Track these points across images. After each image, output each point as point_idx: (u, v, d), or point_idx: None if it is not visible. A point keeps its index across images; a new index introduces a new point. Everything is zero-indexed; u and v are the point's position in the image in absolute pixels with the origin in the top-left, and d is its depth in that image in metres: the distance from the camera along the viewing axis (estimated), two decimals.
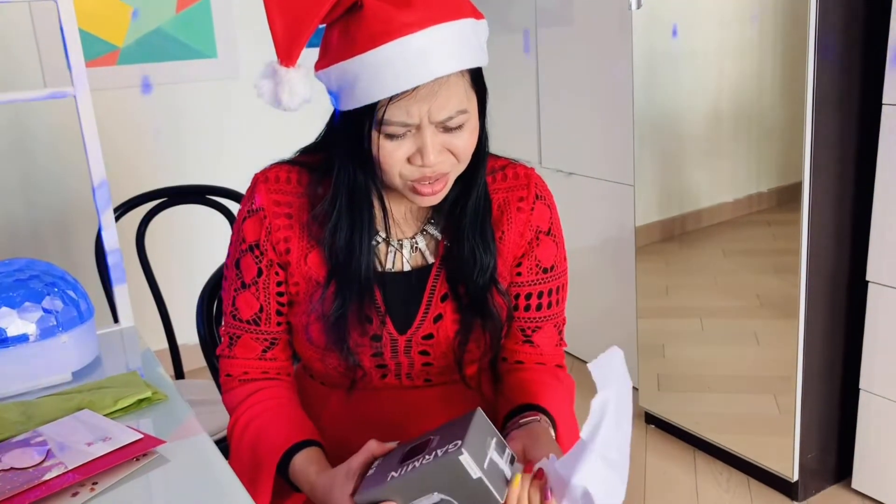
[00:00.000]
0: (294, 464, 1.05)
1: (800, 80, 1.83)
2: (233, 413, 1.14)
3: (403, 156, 0.98)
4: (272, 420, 1.10)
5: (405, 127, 0.96)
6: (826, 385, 2.06)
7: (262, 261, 1.11)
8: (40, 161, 2.76)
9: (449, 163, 1.01)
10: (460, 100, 0.97)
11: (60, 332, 1.25)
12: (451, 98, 0.96)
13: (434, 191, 1.02)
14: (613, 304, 2.65)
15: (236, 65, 2.99)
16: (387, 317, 1.10)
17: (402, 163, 0.99)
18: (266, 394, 1.14)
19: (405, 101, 0.94)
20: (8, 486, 0.93)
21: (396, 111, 0.95)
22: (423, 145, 0.97)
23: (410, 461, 0.90)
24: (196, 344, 1.49)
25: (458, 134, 0.99)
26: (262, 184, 1.11)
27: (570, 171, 2.72)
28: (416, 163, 0.98)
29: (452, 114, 0.96)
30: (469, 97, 0.99)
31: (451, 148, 0.99)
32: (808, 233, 1.90)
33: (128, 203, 1.91)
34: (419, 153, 0.98)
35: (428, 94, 0.94)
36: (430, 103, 0.94)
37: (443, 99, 0.95)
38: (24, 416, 1.13)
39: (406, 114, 0.95)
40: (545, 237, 1.14)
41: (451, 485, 0.87)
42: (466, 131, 1.00)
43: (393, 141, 0.98)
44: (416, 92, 0.94)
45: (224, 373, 1.18)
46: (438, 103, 0.95)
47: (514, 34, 2.86)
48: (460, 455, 0.85)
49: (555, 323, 1.18)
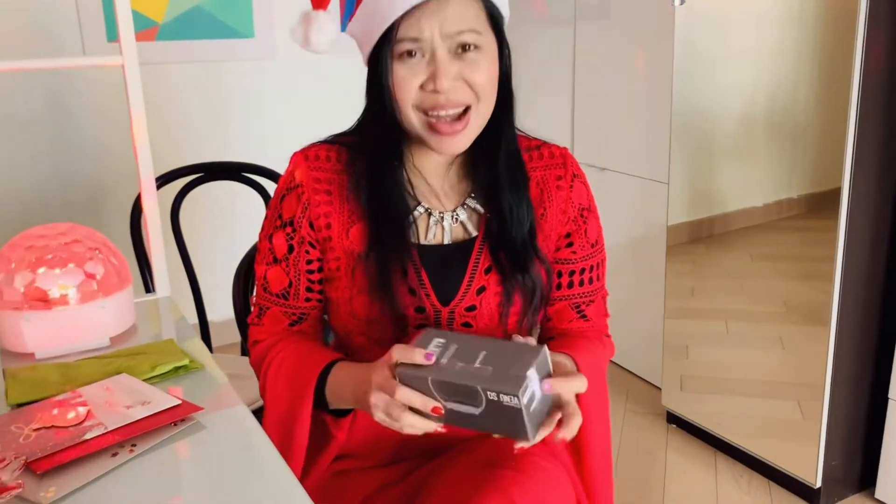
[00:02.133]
0: (335, 373, 1.06)
1: (840, 85, 1.81)
2: (262, 362, 1.15)
3: (417, 82, 1.02)
4: (304, 349, 1.12)
5: (416, 43, 1.00)
6: (854, 393, 2.04)
7: (295, 238, 1.13)
8: (73, 131, 2.79)
9: (465, 93, 1.03)
10: (471, 19, 1.01)
11: (100, 297, 1.26)
12: (462, 14, 1.00)
13: (454, 130, 1.03)
14: (640, 303, 2.63)
15: (273, 46, 3.00)
16: (429, 288, 1.11)
17: (416, 91, 1.02)
18: (294, 338, 1.16)
19: (416, 16, 0.99)
20: (50, 443, 0.95)
21: (408, 27, 0.99)
22: (436, 68, 1.00)
23: (465, 370, 0.91)
24: (224, 320, 1.51)
25: (474, 63, 1.02)
26: (303, 161, 1.13)
27: (603, 166, 2.71)
28: (428, 89, 1.01)
29: (463, 28, 1.00)
30: (481, 23, 1.02)
31: (466, 78, 1.02)
32: (845, 240, 1.88)
33: (164, 177, 1.93)
34: (432, 79, 1.01)
35: (437, 8, 0.99)
36: (440, 17, 0.99)
37: (452, 13, 0.99)
38: (64, 377, 1.14)
39: (417, 29, 0.99)
40: (588, 213, 1.18)
41: (496, 412, 0.89)
42: (483, 61, 1.02)
43: (406, 64, 1.01)
44: (425, 6, 0.99)
45: (252, 339, 1.20)
46: (449, 17, 0.99)
47: (551, 26, 2.85)
48: (515, 398, 0.87)
49: (602, 294, 1.22)
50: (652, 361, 2.59)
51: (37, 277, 1.22)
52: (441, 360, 0.93)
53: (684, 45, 2.20)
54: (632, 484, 2.20)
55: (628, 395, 2.67)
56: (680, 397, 2.41)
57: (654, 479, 2.23)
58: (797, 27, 1.95)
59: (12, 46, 2.61)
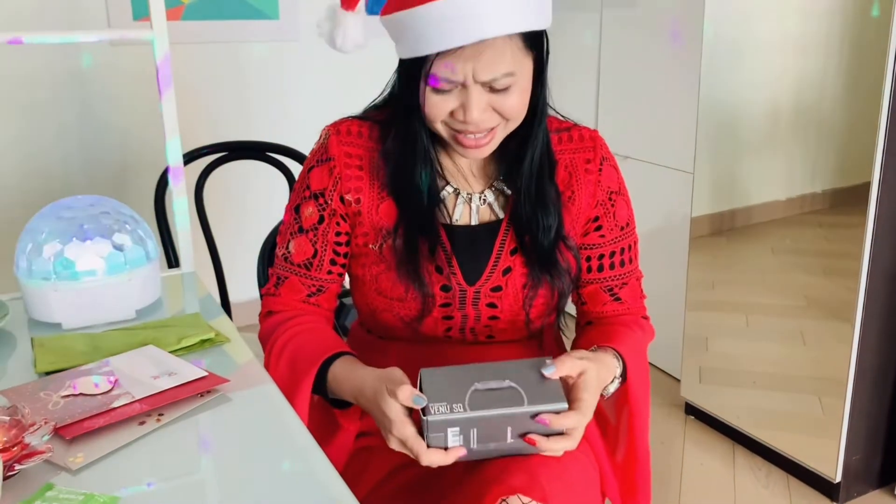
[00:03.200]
0: (333, 369, 1.05)
1: (870, 80, 1.78)
2: (269, 337, 1.15)
3: (447, 109, 1.01)
4: (310, 337, 1.11)
5: (450, 83, 0.98)
6: (878, 389, 2.02)
7: (326, 209, 1.13)
8: (99, 107, 2.80)
9: (494, 119, 1.02)
10: (506, 63, 0.98)
11: (127, 269, 1.27)
12: (497, 60, 0.97)
13: (478, 144, 1.03)
14: (662, 294, 2.61)
15: (297, 28, 3.00)
16: (456, 267, 1.11)
17: (445, 115, 1.02)
18: (303, 319, 1.15)
19: (451, 58, 0.96)
20: (78, 411, 0.95)
21: (442, 67, 0.97)
22: (468, 102, 0.99)
23: (495, 407, 0.91)
24: (246, 301, 1.51)
25: (506, 95, 1.00)
26: (335, 136, 1.13)
27: (626, 154, 2.69)
28: (458, 117, 1.01)
29: (497, 76, 0.98)
30: (518, 60, 0.99)
31: (497, 108, 1.01)
32: (873, 235, 1.86)
33: (187, 155, 1.92)
34: (462, 109, 1.00)
35: (473, 53, 0.96)
36: (474, 63, 0.96)
37: (487, 60, 0.96)
38: (91, 346, 1.15)
39: (451, 71, 0.97)
40: (618, 197, 1.17)
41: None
42: (514, 93, 1.01)
43: (439, 94, 1.00)
44: (461, 51, 0.96)
45: (265, 310, 1.20)
46: (483, 64, 0.96)
47: (578, 13, 2.83)
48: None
49: (636, 276, 1.22)
50: (672, 353, 2.58)
51: (66, 248, 1.22)
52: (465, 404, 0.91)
53: (713, 35, 2.18)
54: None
55: None
56: (699, 389, 2.40)
57: (671, 470, 2.22)
58: (825, 19, 1.92)
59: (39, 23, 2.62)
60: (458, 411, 0.90)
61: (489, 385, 0.92)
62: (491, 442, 0.92)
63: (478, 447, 0.93)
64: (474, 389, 0.92)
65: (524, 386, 0.92)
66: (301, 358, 1.09)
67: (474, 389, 0.92)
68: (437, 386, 0.93)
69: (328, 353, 1.07)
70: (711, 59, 2.20)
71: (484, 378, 0.93)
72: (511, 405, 0.90)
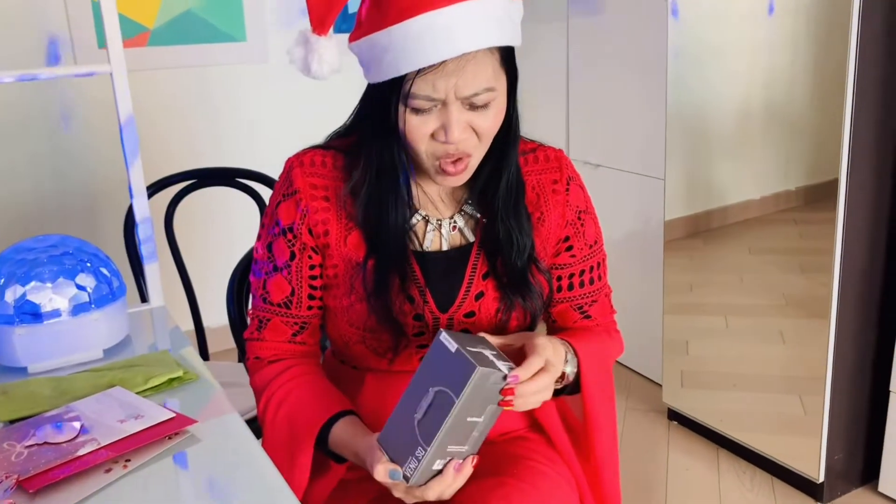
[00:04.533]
0: (334, 433, 1.05)
1: (835, 77, 1.80)
2: (263, 392, 1.14)
3: (428, 131, 1.00)
4: (306, 395, 1.10)
5: (431, 101, 0.97)
6: (855, 386, 2.03)
7: (296, 244, 1.11)
8: (70, 139, 2.77)
9: (472, 143, 1.01)
10: (487, 77, 0.97)
11: (93, 309, 1.25)
12: (479, 75, 0.96)
13: (457, 170, 1.03)
14: (639, 299, 2.62)
15: (265, 49, 2.98)
16: (428, 295, 1.10)
17: (427, 139, 1.00)
18: (296, 370, 1.14)
19: (432, 75, 0.95)
20: (42, 461, 0.94)
21: (423, 85, 0.96)
22: (448, 121, 0.98)
23: (431, 420, 0.91)
24: (221, 326, 1.50)
25: (484, 113, 1.00)
26: (298, 168, 1.11)
27: (598, 163, 2.70)
28: (439, 139, 0.99)
29: (479, 90, 0.97)
30: (497, 76, 0.99)
31: (474, 126, 1.00)
32: (843, 231, 1.87)
33: (157, 184, 1.91)
34: (443, 129, 0.98)
35: (455, 69, 0.95)
36: (456, 78, 0.95)
37: (469, 75, 0.95)
38: (56, 391, 1.13)
39: (432, 88, 0.96)
40: (586, 216, 1.17)
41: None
42: (492, 111, 1.00)
43: (419, 116, 0.99)
44: (442, 67, 0.94)
45: (252, 356, 1.18)
46: (465, 79, 0.95)
47: (544, 23, 2.84)
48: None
49: (605, 293, 1.22)
50: (652, 358, 2.58)
51: (27, 291, 1.20)
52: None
53: (678, 39, 2.19)
54: (634, 483, 2.19)
55: (629, 392, 2.66)
56: (681, 394, 2.40)
57: (656, 477, 2.22)
58: (791, 19, 1.94)
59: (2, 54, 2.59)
60: (422, 454, 0.90)
61: (423, 407, 0.91)
62: (470, 435, 0.93)
63: (468, 447, 0.94)
64: (418, 422, 0.91)
65: (443, 381, 0.91)
66: (298, 421, 1.08)
67: (418, 422, 0.91)
68: (394, 445, 0.93)
69: (325, 419, 1.06)
70: (677, 64, 2.21)
71: (414, 404, 0.92)
72: (448, 408, 0.90)
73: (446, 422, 0.89)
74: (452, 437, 0.91)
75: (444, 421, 0.89)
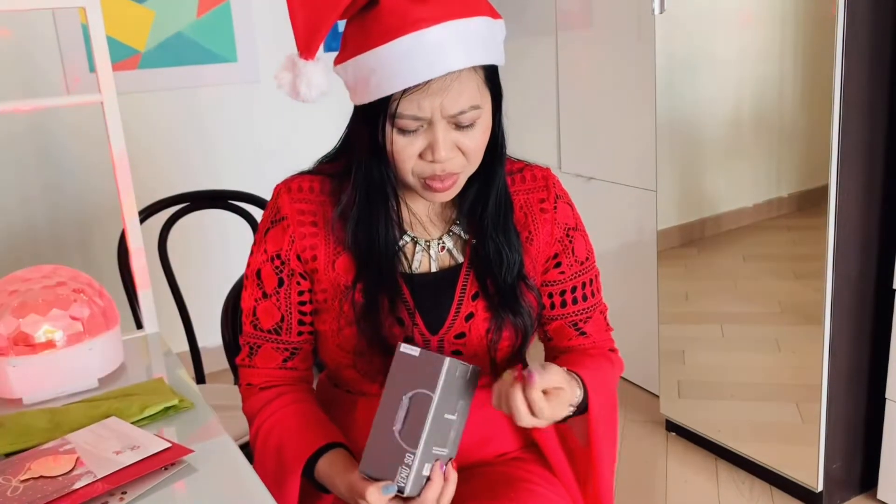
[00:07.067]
0: (319, 467, 1.05)
1: (824, 83, 1.81)
2: (254, 419, 1.15)
3: (416, 151, 1.00)
4: (295, 425, 1.11)
5: (417, 121, 0.98)
6: (851, 394, 2.03)
7: (284, 271, 1.12)
8: (62, 167, 2.78)
9: (459, 162, 1.02)
10: (473, 96, 0.98)
11: (87, 339, 1.25)
12: (464, 93, 0.97)
13: (445, 187, 1.04)
14: (634, 310, 2.63)
15: (256, 69, 3.00)
16: (418, 318, 1.10)
17: (415, 159, 1.01)
18: (287, 398, 1.14)
19: (417, 94, 0.96)
20: (38, 495, 0.94)
21: (409, 105, 0.97)
22: (435, 140, 0.99)
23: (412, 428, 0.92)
24: (216, 346, 1.50)
25: (470, 132, 1.01)
26: (286, 194, 1.12)
27: (590, 175, 2.71)
28: (427, 158, 1.00)
29: (465, 108, 0.98)
30: (482, 94, 1.00)
31: (461, 146, 1.01)
32: (835, 237, 1.87)
33: (150, 208, 1.92)
34: (430, 149, 0.99)
35: (440, 88, 0.96)
36: (442, 98, 0.96)
37: (455, 94, 0.97)
38: (51, 423, 1.13)
39: (418, 107, 0.97)
40: (575, 233, 1.18)
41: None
42: (478, 130, 1.01)
43: (405, 136, 1.00)
44: (428, 86, 0.96)
45: (244, 382, 1.19)
46: (450, 98, 0.97)
47: (533, 37, 2.85)
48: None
49: (600, 310, 1.22)
50: (648, 368, 2.59)
51: (21, 322, 1.20)
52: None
53: (666, 51, 2.20)
54: (633, 495, 2.19)
55: (626, 403, 2.66)
56: (678, 404, 2.40)
57: (655, 489, 2.22)
58: (778, 28, 1.95)
59: None
60: (411, 459, 0.91)
61: (400, 417, 0.92)
62: (448, 436, 0.95)
63: (447, 449, 0.96)
64: (399, 433, 0.92)
65: (415, 385, 0.92)
66: (286, 451, 1.08)
67: (399, 433, 0.92)
68: (379, 466, 0.94)
69: (311, 451, 1.06)
70: (665, 74, 2.22)
71: (389, 420, 0.93)
72: (427, 406, 0.91)
73: (428, 419, 0.90)
74: (435, 437, 0.93)
75: (426, 418, 0.90)
